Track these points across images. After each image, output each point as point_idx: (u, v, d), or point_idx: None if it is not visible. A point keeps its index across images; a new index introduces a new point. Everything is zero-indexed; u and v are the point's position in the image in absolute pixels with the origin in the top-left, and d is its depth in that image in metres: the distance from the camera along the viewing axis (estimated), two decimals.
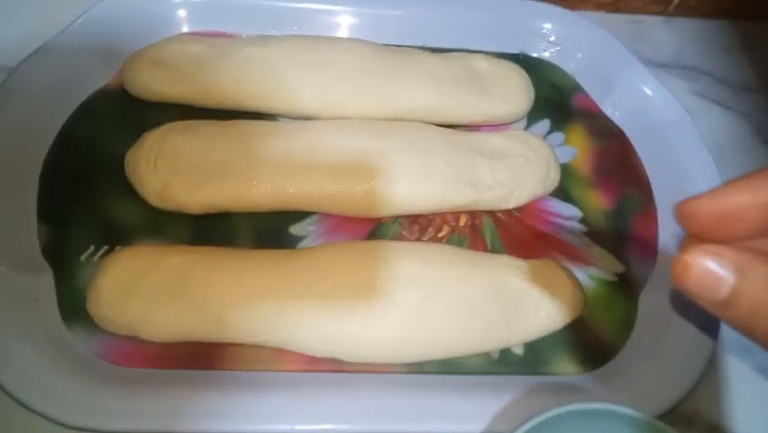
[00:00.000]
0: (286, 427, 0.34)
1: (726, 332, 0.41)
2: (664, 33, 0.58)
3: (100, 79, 0.46)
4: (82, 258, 0.40)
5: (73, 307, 0.38)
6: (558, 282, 0.40)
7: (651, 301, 0.43)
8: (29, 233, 0.40)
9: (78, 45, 0.45)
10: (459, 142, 0.45)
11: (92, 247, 0.40)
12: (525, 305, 0.39)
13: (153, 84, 0.45)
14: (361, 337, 0.37)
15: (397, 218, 0.44)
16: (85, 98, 0.45)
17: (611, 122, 0.51)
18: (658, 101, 0.50)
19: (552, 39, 0.53)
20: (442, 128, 0.46)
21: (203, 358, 0.37)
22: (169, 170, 0.41)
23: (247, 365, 0.37)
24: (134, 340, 0.37)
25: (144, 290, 0.36)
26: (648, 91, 0.50)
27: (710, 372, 0.40)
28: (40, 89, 0.43)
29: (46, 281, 0.38)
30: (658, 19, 0.59)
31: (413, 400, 0.36)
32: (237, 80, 0.45)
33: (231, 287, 0.37)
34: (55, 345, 0.36)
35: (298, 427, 0.34)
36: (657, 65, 0.56)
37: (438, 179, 0.43)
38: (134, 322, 0.36)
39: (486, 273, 0.39)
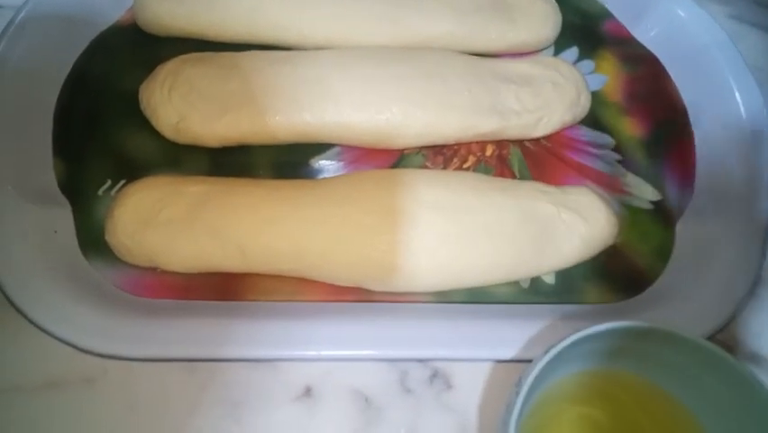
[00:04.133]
0: (312, 353, 0.33)
1: None
2: None
3: (111, 16, 0.45)
4: (99, 192, 0.39)
5: (92, 240, 0.37)
6: (592, 208, 0.38)
7: (689, 229, 0.41)
8: (46, 168, 0.39)
9: None
10: (483, 68, 0.43)
11: (109, 182, 0.39)
12: (558, 232, 0.38)
13: (165, 17, 0.43)
14: (387, 265, 0.36)
15: (420, 149, 0.42)
16: (97, 35, 0.44)
17: (644, 48, 0.48)
18: (694, 24, 0.47)
19: None
20: (465, 54, 0.44)
21: (223, 290, 0.37)
22: (183, 101, 0.39)
23: (269, 296, 0.36)
24: (154, 272, 0.36)
25: (163, 219, 0.35)
26: (683, 14, 0.47)
27: (752, 300, 0.38)
28: (51, 26, 0.42)
29: (64, 215, 0.38)
30: None
31: (440, 327, 0.35)
32: (250, 11, 0.43)
33: (250, 215, 0.36)
34: (75, 275, 0.35)
35: (324, 352, 0.33)
36: None
37: (462, 106, 0.41)
38: (154, 252, 0.35)
39: (515, 199, 0.38)
